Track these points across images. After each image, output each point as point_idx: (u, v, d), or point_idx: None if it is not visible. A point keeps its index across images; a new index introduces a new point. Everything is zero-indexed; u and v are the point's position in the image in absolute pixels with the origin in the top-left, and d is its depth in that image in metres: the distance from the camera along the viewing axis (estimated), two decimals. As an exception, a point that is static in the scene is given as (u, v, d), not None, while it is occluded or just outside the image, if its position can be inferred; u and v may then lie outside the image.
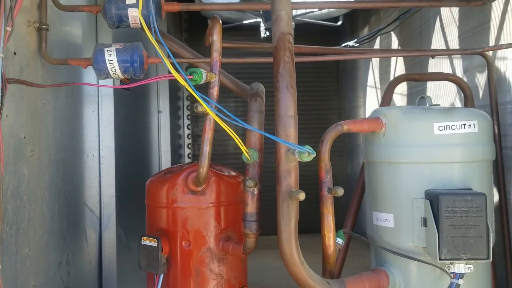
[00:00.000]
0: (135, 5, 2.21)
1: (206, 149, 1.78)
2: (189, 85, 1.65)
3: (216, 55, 1.81)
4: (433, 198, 1.90)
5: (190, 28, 6.30)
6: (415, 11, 3.11)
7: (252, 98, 2.05)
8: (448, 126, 1.97)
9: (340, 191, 1.87)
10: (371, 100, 5.59)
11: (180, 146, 5.84)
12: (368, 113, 5.86)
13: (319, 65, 6.50)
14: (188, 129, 6.01)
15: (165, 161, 4.60)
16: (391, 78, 4.82)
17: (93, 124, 2.89)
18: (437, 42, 3.63)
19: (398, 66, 4.59)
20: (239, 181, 2.17)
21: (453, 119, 1.98)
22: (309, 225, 3.31)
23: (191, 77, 1.68)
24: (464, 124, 1.98)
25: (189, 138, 6.00)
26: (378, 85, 5.40)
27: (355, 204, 2.48)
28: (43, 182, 2.20)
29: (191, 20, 6.25)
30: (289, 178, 1.83)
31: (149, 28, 1.79)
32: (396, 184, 2.04)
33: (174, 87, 5.61)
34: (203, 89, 1.84)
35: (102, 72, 2.17)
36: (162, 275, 1.96)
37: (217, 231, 2.05)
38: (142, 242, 2.01)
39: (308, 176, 2.88)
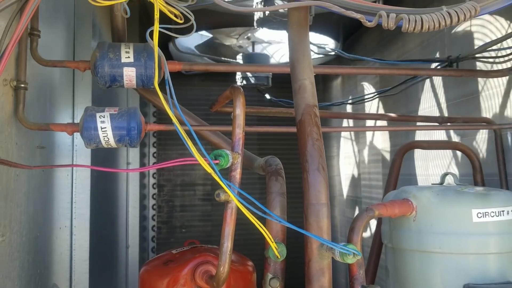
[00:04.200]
0: (132, 64, 1.94)
1: (228, 245, 1.49)
2: (216, 173, 1.38)
3: (239, 131, 1.55)
4: (476, 296, 1.69)
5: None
6: (412, 83, 3.02)
7: (272, 178, 1.79)
8: (487, 213, 1.80)
9: (377, 291, 1.62)
10: (346, 152, 5.47)
11: (145, 196, 5.44)
12: (342, 165, 5.75)
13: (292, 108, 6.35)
14: (154, 178, 5.63)
15: (133, 218, 4.22)
16: (368, 131, 4.73)
17: (66, 190, 2.53)
18: (426, 102, 3.55)
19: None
20: (249, 270, 1.88)
21: (491, 205, 1.81)
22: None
23: (217, 161, 1.41)
24: (503, 211, 1.81)
25: (154, 188, 5.62)
26: (353, 136, 5.30)
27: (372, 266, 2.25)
28: (13, 271, 1.81)
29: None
30: (322, 279, 1.57)
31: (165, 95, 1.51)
32: (430, 275, 1.82)
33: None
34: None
35: (93, 141, 1.85)
36: None
37: (229, 336, 1.74)
38: None
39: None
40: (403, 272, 1.91)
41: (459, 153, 2.95)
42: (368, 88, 4.70)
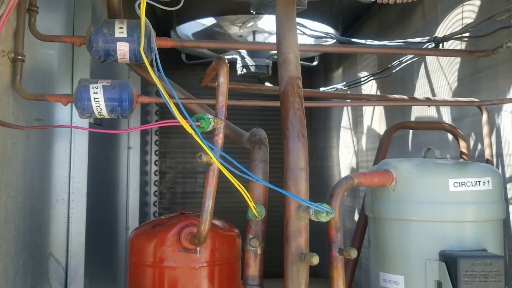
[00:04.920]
0: (125, 39, 2.02)
1: (209, 204, 1.57)
2: (196, 133, 1.45)
3: (222, 99, 1.63)
4: (450, 261, 1.76)
5: (160, 51, 6.09)
6: (404, 63, 3.07)
7: (255, 146, 1.87)
8: (463, 183, 1.86)
9: (354, 253, 1.69)
10: (345, 141, 5.53)
11: (147, 183, 5.54)
12: (341, 154, 5.81)
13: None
14: (156, 165, 5.72)
15: (133, 201, 4.31)
16: (366, 120, 4.79)
17: (64, 164, 2.62)
18: (421, 89, 3.60)
19: (375, 109, 4.55)
20: (235, 236, 1.96)
21: (468, 175, 1.87)
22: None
23: (199, 124, 1.49)
24: (479, 181, 1.87)
25: (156, 175, 5.71)
26: (352, 126, 5.36)
27: (352, 261, 2.32)
28: (9, 234, 1.91)
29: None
30: (299, 239, 1.65)
31: (151, 65, 1.59)
32: (407, 243, 1.89)
33: (143, 120, 5.36)
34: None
35: (86, 111, 1.93)
36: None
37: (212, 295, 1.82)
38: (126, 309, 1.75)
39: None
40: (383, 241, 1.97)
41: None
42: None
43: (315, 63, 5.51)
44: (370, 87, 4.62)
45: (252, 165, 1.83)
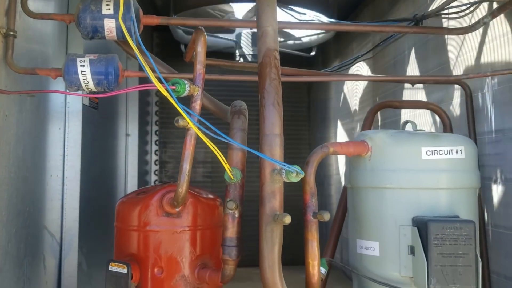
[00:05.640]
0: (112, 16, 2.10)
1: (186, 166, 1.65)
2: (172, 96, 1.53)
3: (199, 67, 1.71)
4: (422, 225, 1.82)
5: (161, 44, 6.19)
6: (390, 42, 3.13)
7: (234, 116, 1.95)
8: (435, 151, 1.92)
9: (327, 216, 1.76)
10: (342, 132, 5.59)
11: (147, 172, 5.63)
12: (338, 144, 5.87)
13: (291, 95, 6.50)
14: (156, 155, 5.82)
15: (131, 187, 4.40)
16: (362, 110, 4.84)
17: (59, 143, 2.71)
18: (412, 73, 3.66)
19: (371, 98, 4.61)
20: (217, 204, 2.04)
21: (440, 144, 1.93)
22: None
23: (174, 87, 1.57)
24: (452, 150, 1.93)
25: (156, 164, 5.81)
26: (349, 117, 5.42)
27: (335, 231, 2.38)
28: (1, 201, 2.00)
29: (163, 37, 6.14)
30: (273, 200, 1.72)
31: (131, 38, 1.67)
32: (382, 210, 1.95)
33: (143, 111, 5.46)
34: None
35: (73, 84, 2.02)
36: (131, 306, 1.78)
37: (193, 258, 1.90)
38: (109, 268, 1.82)
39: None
40: (359, 209, 2.04)
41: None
42: (362, 66, 4.81)
43: (312, 53, 5.56)
44: (366, 73, 4.69)
45: (231, 133, 1.90)
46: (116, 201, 2.15)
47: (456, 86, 2.84)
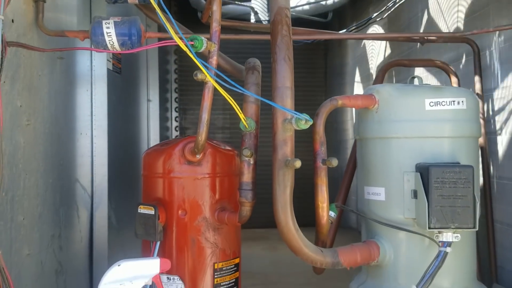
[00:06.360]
0: (134, -20, 2.25)
1: (205, 116, 1.82)
2: (190, 51, 1.68)
3: (215, 25, 1.85)
4: (424, 171, 1.96)
5: (179, 12, 6.28)
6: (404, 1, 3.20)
7: (249, 72, 2.09)
8: (438, 102, 2.04)
9: (335, 162, 1.91)
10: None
11: (168, 138, 5.84)
12: (354, 109, 5.97)
13: (308, 62, 6.58)
14: (176, 121, 6.02)
15: (154, 150, 4.60)
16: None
17: (86, 104, 2.90)
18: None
19: (386, 62, 4.68)
20: (234, 154, 2.20)
21: (443, 95, 2.05)
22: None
23: (192, 43, 1.71)
24: (454, 101, 2.05)
25: (176, 131, 6.01)
26: (363, 81, 5.50)
27: (346, 181, 2.54)
28: (38, 154, 2.20)
29: (180, 5, 6.24)
30: (285, 147, 1.88)
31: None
32: (388, 158, 2.09)
33: (163, 78, 5.63)
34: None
35: (100, 45, 2.18)
36: (158, 243, 1.98)
37: (213, 202, 2.08)
38: (139, 211, 2.02)
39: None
40: (367, 159, 2.18)
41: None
42: (378, 29, 4.86)
43: (328, 18, 5.61)
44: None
45: (245, 87, 2.05)
46: (140, 165, 2.33)
47: (467, 47, 2.92)
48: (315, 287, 3.65)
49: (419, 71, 3.59)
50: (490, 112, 2.78)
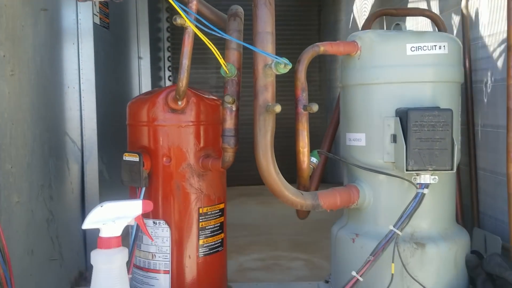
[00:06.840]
0: None
1: (186, 62, 1.83)
2: (169, -6, 1.68)
3: (195, -30, 1.83)
4: (403, 115, 1.98)
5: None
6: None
7: (231, 18, 2.09)
8: (419, 47, 2.04)
9: (315, 107, 1.94)
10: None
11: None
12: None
13: (301, 18, 6.51)
14: (170, 80, 6.00)
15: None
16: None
17: (73, 57, 2.90)
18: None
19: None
20: (218, 103, 2.23)
21: (424, 40, 2.05)
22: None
23: (170, -14, 1.71)
24: (435, 45, 2.05)
25: (170, 80, 6.00)
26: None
27: (331, 131, 2.57)
28: (24, 105, 2.22)
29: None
30: (266, 93, 1.90)
31: None
32: (369, 104, 2.11)
33: (155, 37, 5.58)
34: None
35: (83, -7, 2.18)
36: (144, 188, 2.03)
37: (197, 149, 2.12)
38: (124, 158, 2.07)
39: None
40: (349, 106, 2.21)
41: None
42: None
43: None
44: (372, -7, 4.68)
45: (227, 33, 2.05)
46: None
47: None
48: (305, 236, 3.75)
49: (412, 27, 3.56)
50: (477, 61, 2.78)
